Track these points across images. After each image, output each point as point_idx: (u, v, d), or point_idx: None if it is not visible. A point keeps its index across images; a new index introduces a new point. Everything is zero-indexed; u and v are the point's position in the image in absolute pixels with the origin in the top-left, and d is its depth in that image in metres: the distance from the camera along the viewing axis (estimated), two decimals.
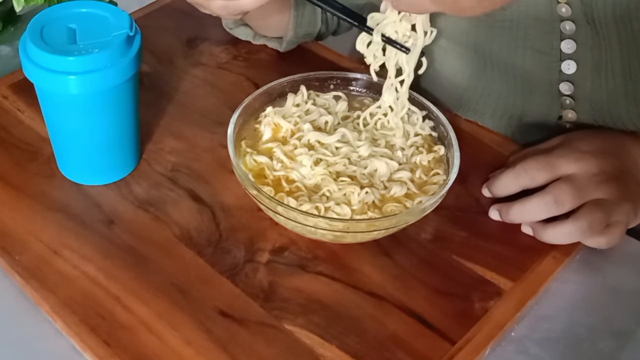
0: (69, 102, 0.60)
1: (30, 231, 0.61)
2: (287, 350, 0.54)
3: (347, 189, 0.59)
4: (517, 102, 0.72)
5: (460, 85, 0.75)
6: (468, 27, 0.69)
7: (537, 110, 0.71)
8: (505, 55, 0.68)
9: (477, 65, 0.72)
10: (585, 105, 0.68)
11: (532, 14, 0.64)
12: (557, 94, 0.69)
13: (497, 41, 0.68)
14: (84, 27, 0.59)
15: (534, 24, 0.65)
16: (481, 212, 0.64)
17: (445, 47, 0.73)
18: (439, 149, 0.64)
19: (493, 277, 0.59)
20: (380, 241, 0.61)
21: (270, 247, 0.60)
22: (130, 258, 0.59)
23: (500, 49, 0.68)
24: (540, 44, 0.66)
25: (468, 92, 0.74)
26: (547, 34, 0.65)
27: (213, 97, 0.75)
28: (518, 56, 0.68)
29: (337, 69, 0.75)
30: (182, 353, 0.53)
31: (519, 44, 0.67)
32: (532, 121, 0.72)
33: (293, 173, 0.60)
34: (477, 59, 0.71)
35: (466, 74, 0.74)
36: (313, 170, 0.60)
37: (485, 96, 0.73)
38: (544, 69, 0.67)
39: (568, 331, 0.58)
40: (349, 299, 0.57)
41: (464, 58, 0.73)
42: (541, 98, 0.70)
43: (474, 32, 0.69)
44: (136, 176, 0.66)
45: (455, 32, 0.70)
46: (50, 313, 0.56)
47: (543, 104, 0.71)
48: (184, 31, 0.83)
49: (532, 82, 0.69)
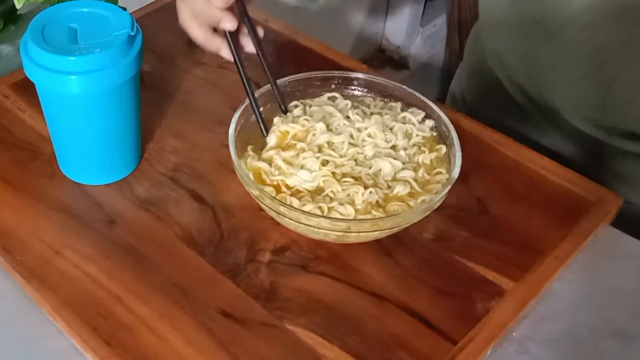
0: (70, 102, 0.60)
1: (31, 231, 0.61)
2: (288, 351, 0.54)
3: (351, 189, 0.59)
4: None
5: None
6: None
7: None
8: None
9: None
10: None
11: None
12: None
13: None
14: (85, 26, 0.59)
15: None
16: (483, 211, 0.64)
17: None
18: (440, 147, 0.64)
19: (495, 277, 0.59)
20: (381, 241, 0.61)
21: (272, 247, 0.60)
22: (131, 258, 0.59)
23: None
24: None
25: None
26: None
27: (214, 96, 0.75)
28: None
29: (337, 68, 0.75)
30: (184, 353, 0.53)
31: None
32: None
33: (291, 179, 0.60)
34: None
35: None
36: (318, 172, 0.60)
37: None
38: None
39: (569, 331, 0.58)
40: (350, 299, 0.57)
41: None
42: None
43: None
44: (137, 176, 0.66)
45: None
46: (52, 313, 0.56)
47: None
48: (185, 31, 0.82)
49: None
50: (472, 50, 0.91)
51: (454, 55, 1.87)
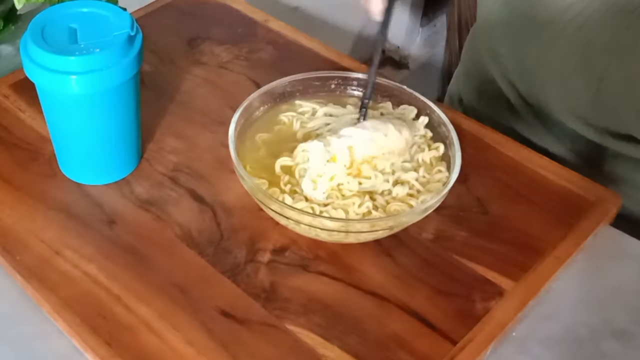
0: (70, 102, 0.60)
1: (31, 231, 0.61)
2: (288, 350, 0.54)
3: (347, 200, 0.59)
4: None
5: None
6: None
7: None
8: None
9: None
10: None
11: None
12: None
13: None
14: (85, 26, 0.59)
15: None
16: (483, 211, 0.64)
17: None
18: (438, 146, 0.64)
19: (494, 277, 0.59)
20: (381, 241, 0.61)
21: (272, 247, 0.60)
22: (131, 258, 0.59)
23: None
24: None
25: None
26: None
27: (214, 96, 0.75)
28: None
29: (337, 68, 0.76)
30: (184, 353, 0.53)
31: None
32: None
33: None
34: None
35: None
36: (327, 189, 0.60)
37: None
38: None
39: (569, 331, 0.58)
40: (350, 299, 0.57)
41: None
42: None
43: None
44: (137, 176, 0.66)
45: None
46: (52, 313, 0.56)
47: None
48: (185, 30, 0.83)
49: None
50: (469, 51, 0.91)
51: (453, 56, 1.87)
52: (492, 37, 0.80)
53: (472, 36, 0.90)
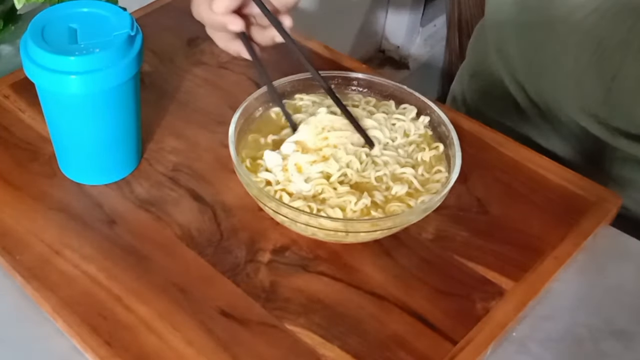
0: (70, 102, 0.60)
1: (31, 231, 0.61)
2: (288, 351, 0.54)
3: (344, 197, 0.59)
4: None
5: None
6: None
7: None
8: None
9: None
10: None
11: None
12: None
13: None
14: (85, 26, 0.59)
15: None
16: (483, 212, 0.64)
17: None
18: (438, 145, 0.64)
19: (494, 277, 0.59)
20: (381, 241, 0.61)
21: (272, 247, 0.60)
22: (131, 258, 0.59)
23: None
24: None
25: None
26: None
27: (214, 96, 0.75)
28: None
29: (337, 68, 0.76)
30: (184, 353, 0.53)
31: None
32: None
33: (291, 186, 0.59)
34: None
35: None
36: (314, 181, 0.59)
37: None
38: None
39: (569, 331, 0.58)
40: (350, 299, 0.57)
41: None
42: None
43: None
44: (137, 176, 0.66)
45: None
46: (52, 313, 0.56)
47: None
48: (185, 30, 0.83)
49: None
50: (475, 49, 0.91)
51: (454, 55, 1.87)
52: (500, 37, 0.79)
53: (478, 36, 0.90)
